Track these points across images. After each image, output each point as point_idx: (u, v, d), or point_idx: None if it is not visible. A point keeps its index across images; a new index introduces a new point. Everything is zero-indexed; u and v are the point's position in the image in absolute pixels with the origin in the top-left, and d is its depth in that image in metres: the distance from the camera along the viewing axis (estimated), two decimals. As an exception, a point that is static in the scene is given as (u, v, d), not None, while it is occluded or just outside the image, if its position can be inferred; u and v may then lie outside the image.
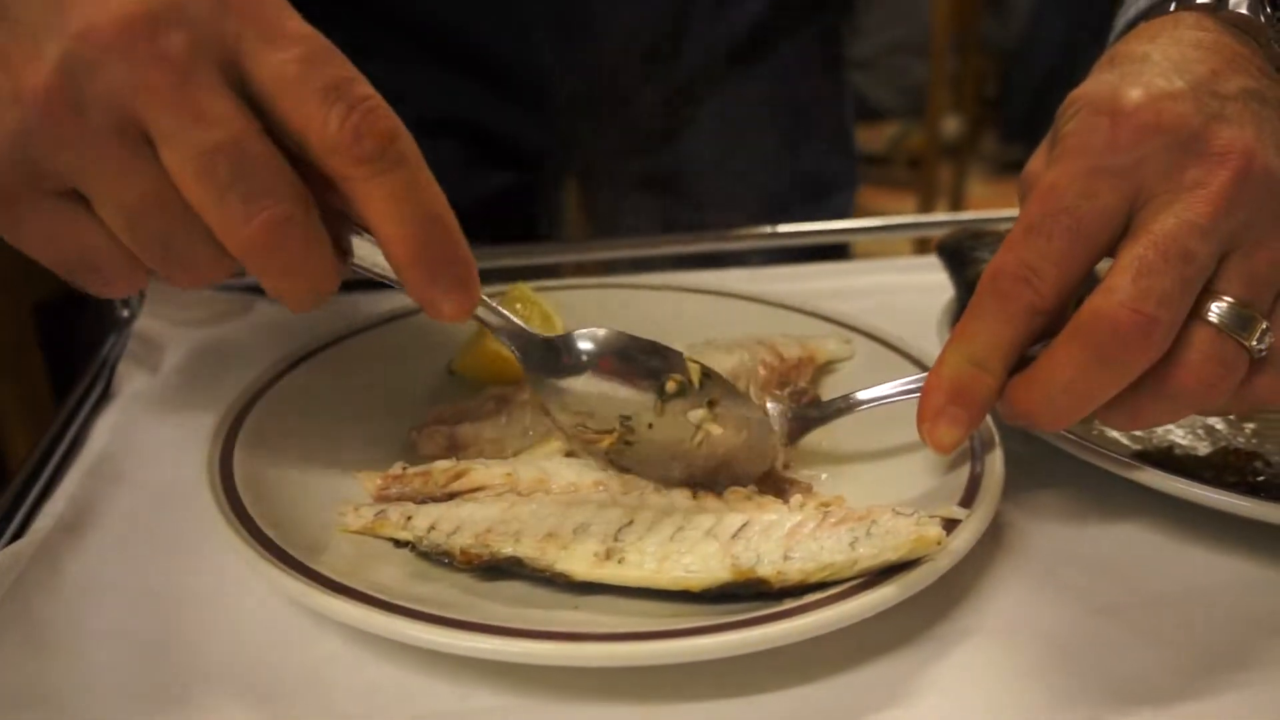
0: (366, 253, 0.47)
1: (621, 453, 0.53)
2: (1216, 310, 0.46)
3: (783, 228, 0.96)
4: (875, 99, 3.80)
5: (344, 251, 0.47)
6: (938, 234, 0.78)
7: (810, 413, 0.58)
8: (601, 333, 0.52)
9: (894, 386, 0.57)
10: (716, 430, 0.52)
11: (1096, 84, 0.50)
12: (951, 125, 3.58)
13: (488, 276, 0.76)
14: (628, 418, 0.52)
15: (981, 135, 4.17)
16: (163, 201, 0.42)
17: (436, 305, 0.46)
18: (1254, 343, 0.46)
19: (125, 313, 0.80)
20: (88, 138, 0.40)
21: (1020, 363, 0.49)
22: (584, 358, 0.52)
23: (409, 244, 0.44)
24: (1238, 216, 0.46)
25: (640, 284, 0.76)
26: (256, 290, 0.82)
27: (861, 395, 0.57)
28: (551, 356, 0.52)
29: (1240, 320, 0.46)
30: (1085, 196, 0.47)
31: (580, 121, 0.98)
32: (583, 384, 0.52)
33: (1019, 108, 4.07)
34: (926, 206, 3.29)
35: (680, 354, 0.52)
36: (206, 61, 0.41)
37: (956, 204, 3.51)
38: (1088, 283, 0.49)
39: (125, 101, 0.40)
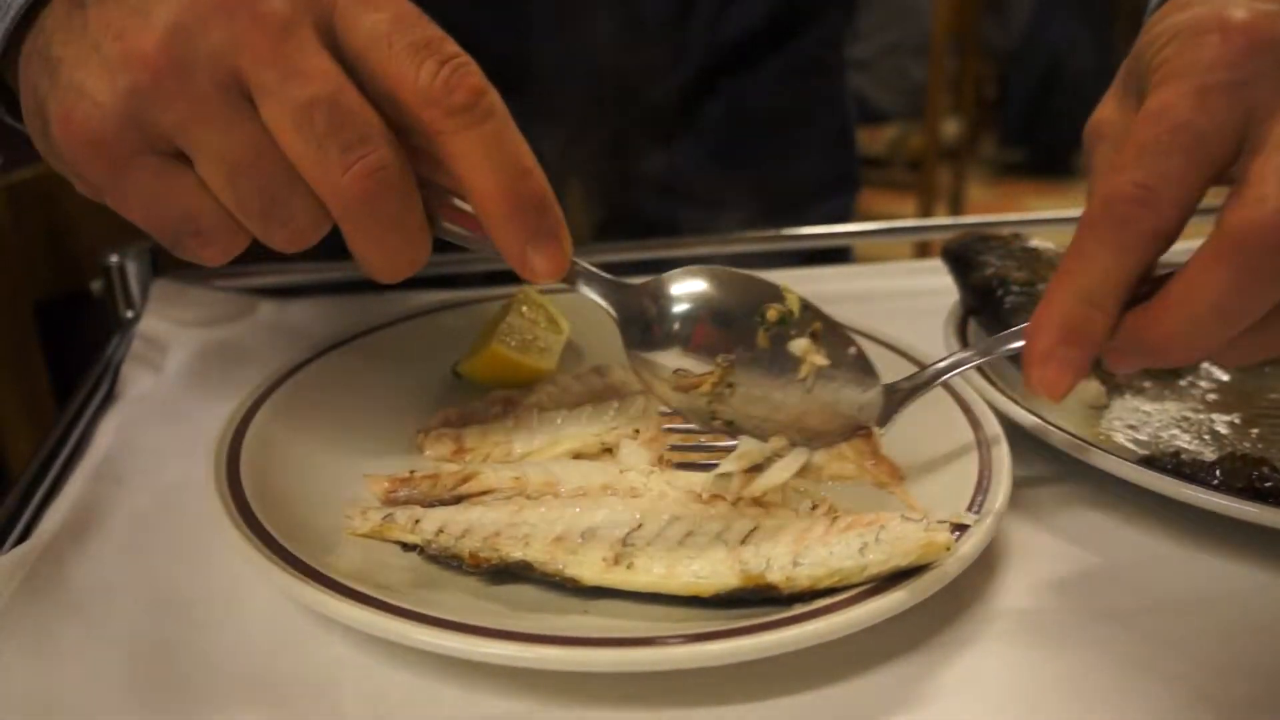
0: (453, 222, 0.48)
1: (723, 398, 0.50)
2: None
3: (785, 231, 0.96)
4: (875, 101, 3.80)
5: (433, 220, 0.47)
6: (941, 238, 0.78)
7: (901, 386, 0.53)
8: (694, 281, 0.50)
9: (974, 350, 0.53)
10: (822, 361, 0.50)
11: (1187, 14, 0.48)
12: (951, 128, 3.58)
13: (493, 280, 0.77)
14: (729, 355, 0.50)
15: (980, 138, 4.17)
16: (262, 155, 0.43)
17: (530, 262, 0.47)
18: None
19: (129, 313, 0.80)
20: (193, 95, 0.43)
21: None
22: (682, 315, 0.50)
23: (502, 197, 0.45)
24: None
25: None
26: (260, 291, 0.82)
27: (942, 364, 0.54)
28: (646, 316, 0.50)
29: None
30: (1201, 112, 0.45)
31: (582, 123, 0.98)
32: (681, 345, 0.50)
33: (1018, 111, 4.08)
34: (926, 209, 3.29)
35: (776, 285, 0.50)
36: (303, 22, 0.43)
37: (956, 207, 3.52)
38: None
39: (228, 60, 0.42)
